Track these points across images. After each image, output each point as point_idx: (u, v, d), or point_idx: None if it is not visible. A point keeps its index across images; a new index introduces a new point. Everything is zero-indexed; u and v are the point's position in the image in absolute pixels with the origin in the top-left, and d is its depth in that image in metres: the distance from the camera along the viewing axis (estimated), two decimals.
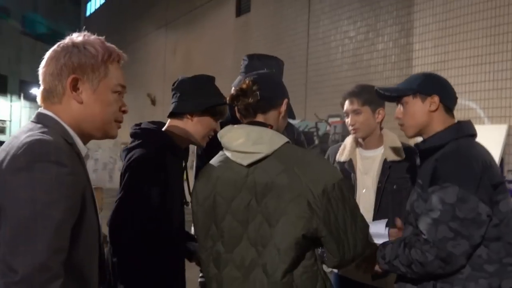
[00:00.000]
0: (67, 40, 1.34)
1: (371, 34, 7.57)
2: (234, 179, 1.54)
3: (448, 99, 1.83)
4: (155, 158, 1.89)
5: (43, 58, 1.34)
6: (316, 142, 7.40)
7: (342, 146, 2.54)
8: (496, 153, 5.40)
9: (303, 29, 8.97)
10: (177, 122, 2.02)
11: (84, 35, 1.34)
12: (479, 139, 1.81)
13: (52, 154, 1.14)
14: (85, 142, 1.36)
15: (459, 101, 1.91)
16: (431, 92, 1.81)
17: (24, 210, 1.09)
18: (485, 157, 1.68)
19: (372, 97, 2.28)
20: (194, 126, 2.01)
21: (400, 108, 1.90)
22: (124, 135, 2.29)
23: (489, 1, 5.79)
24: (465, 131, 1.78)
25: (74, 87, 1.30)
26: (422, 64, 6.63)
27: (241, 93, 1.63)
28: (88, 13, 24.83)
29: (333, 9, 8.33)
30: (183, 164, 2.11)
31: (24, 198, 1.09)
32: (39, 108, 1.34)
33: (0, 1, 25.44)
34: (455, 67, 6.16)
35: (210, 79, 2.09)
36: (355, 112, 2.35)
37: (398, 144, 2.35)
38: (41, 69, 1.33)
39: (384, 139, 2.38)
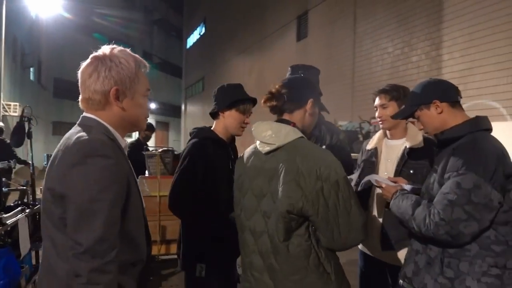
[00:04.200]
0: (100, 53, 1.27)
1: (406, 49, 7.18)
2: (256, 164, 1.52)
3: (445, 95, 1.65)
4: (201, 147, 2.05)
5: (81, 70, 1.26)
6: (360, 138, 7.11)
7: (372, 138, 2.39)
8: None
9: (350, 48, 8.73)
10: (216, 122, 2.16)
11: (112, 48, 1.28)
12: (503, 134, 1.62)
13: (99, 150, 1.14)
14: (123, 135, 1.34)
15: (483, 101, 1.73)
16: (430, 99, 1.65)
17: (82, 196, 1.09)
18: (500, 150, 1.50)
19: (399, 95, 2.16)
20: (226, 120, 2.11)
21: (417, 121, 1.77)
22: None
23: (509, 15, 5.27)
24: (482, 125, 1.59)
25: (116, 97, 1.25)
26: (450, 72, 6.18)
27: (271, 96, 1.57)
28: (188, 46, 25.83)
29: (374, 30, 8.02)
30: (230, 151, 2.16)
31: (81, 187, 1.10)
32: (83, 113, 1.29)
33: (127, 41, 27.13)
34: (480, 73, 5.68)
35: (237, 85, 2.17)
36: (383, 106, 2.18)
37: (419, 134, 2.16)
38: (82, 80, 1.26)
39: (408, 131, 2.19)
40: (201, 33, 22.61)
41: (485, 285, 1.46)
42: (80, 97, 1.28)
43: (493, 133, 1.62)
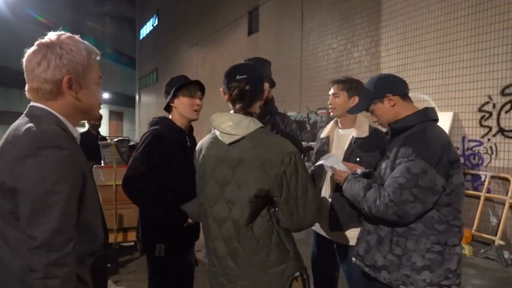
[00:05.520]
0: (48, 40, 1.13)
1: (349, 45, 7.35)
2: (218, 153, 1.48)
3: (397, 89, 1.67)
4: (159, 133, 2.00)
5: (28, 59, 1.11)
6: (308, 128, 7.23)
7: (326, 127, 2.42)
8: None
9: (298, 43, 8.79)
10: (173, 113, 2.14)
11: (59, 35, 1.15)
12: None
13: (52, 141, 1.03)
14: (75, 124, 1.22)
15: (415, 94, 1.76)
16: (383, 93, 1.67)
17: (37, 189, 0.99)
18: (445, 139, 1.55)
19: (351, 86, 2.19)
20: (179, 108, 2.10)
21: (371, 114, 1.78)
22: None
23: (439, 17, 5.57)
24: (430, 116, 1.64)
25: (69, 86, 1.13)
26: (388, 67, 6.42)
27: (240, 95, 1.47)
28: (141, 37, 24.72)
29: (320, 27, 8.12)
30: (187, 140, 2.13)
31: (35, 180, 0.99)
32: (31, 102, 1.16)
33: (79, 31, 25.29)
34: (413, 68, 5.96)
35: (179, 76, 2.16)
36: (335, 95, 2.22)
37: (366, 125, 2.20)
38: (30, 69, 1.12)
39: (356, 121, 2.23)
40: (154, 25, 21.69)
41: (428, 261, 1.51)
42: (27, 87, 1.13)
43: None
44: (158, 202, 1.92)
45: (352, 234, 2.07)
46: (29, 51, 1.13)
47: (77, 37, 1.18)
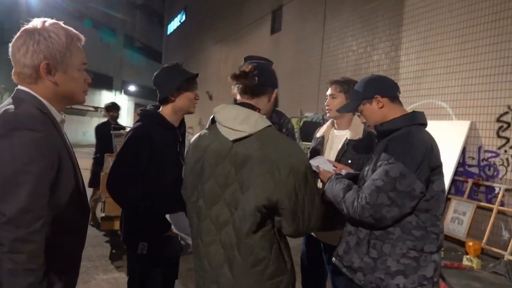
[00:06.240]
0: (30, 27, 1.17)
1: (368, 48, 7.25)
2: (220, 150, 1.35)
3: (387, 92, 1.65)
4: (144, 130, 1.87)
5: (13, 46, 1.17)
6: None
7: (322, 126, 2.39)
8: (460, 143, 5.07)
9: (319, 44, 8.73)
10: (166, 107, 1.99)
11: (44, 22, 1.20)
12: (448, 132, 1.64)
13: (27, 123, 1.07)
14: (60, 109, 1.25)
15: (433, 101, 1.73)
16: (372, 94, 1.65)
17: (8, 168, 1.03)
18: (429, 144, 1.51)
19: (349, 88, 2.15)
20: (179, 102, 1.95)
21: (360, 115, 1.76)
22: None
23: (460, 23, 5.42)
24: (417, 120, 1.60)
25: (47, 71, 1.17)
26: (406, 72, 6.30)
27: (243, 74, 1.39)
28: (168, 32, 25.12)
29: (341, 29, 8.04)
30: (178, 135, 2.01)
31: (6, 159, 1.04)
32: (18, 86, 1.20)
33: (109, 24, 25.97)
34: (432, 74, 5.83)
35: (176, 67, 1.99)
36: (332, 96, 2.18)
37: (360, 127, 2.16)
38: (12, 54, 1.17)
39: (351, 123, 2.20)
40: (182, 21, 22.01)
41: (403, 266, 1.50)
42: (13, 70, 1.20)
43: (439, 130, 1.64)
44: (144, 202, 1.83)
45: (339, 235, 2.07)
46: (15, 36, 1.18)
47: (61, 23, 1.22)
